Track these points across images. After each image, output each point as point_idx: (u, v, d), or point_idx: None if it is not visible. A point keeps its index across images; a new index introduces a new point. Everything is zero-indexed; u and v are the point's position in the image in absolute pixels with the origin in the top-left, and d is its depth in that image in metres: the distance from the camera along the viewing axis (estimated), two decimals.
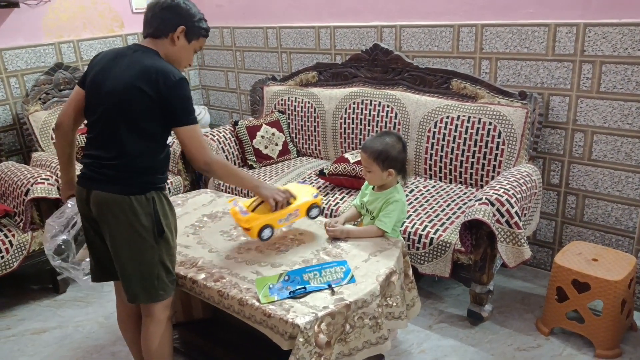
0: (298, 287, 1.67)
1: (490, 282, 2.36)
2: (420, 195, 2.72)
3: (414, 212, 2.55)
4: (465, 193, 2.71)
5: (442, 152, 2.84)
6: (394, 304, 1.79)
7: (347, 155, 2.88)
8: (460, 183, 2.83)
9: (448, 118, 2.82)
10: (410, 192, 2.75)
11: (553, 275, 2.27)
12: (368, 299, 1.66)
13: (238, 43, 3.96)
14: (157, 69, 1.62)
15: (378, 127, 3.10)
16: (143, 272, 1.72)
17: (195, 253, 1.98)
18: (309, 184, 2.95)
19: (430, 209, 2.56)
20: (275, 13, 3.66)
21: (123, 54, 1.70)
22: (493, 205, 2.18)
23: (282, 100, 3.57)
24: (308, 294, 1.65)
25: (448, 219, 2.46)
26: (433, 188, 2.80)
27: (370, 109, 3.13)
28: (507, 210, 2.18)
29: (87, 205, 1.73)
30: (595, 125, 2.53)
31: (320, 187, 2.91)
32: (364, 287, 1.68)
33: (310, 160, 3.41)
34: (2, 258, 2.56)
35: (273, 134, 3.43)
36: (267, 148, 3.41)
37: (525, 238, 2.23)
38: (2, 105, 3.27)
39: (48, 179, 2.65)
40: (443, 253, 2.34)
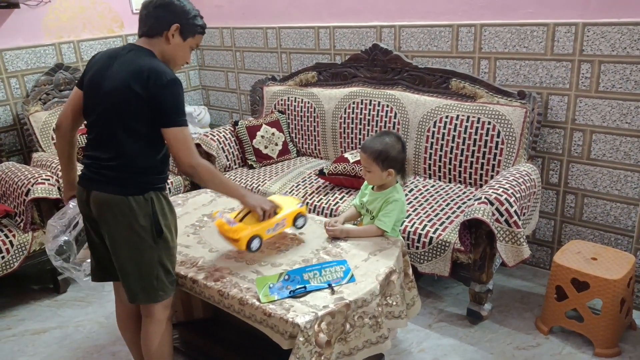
0: (298, 286, 1.68)
1: (490, 281, 2.37)
2: (420, 195, 2.72)
3: (414, 211, 2.55)
4: (465, 192, 2.72)
5: (441, 151, 2.85)
6: (394, 303, 1.79)
7: (346, 155, 2.89)
8: (460, 182, 2.83)
9: (447, 118, 2.82)
10: (410, 191, 2.75)
11: (552, 274, 2.27)
12: (368, 298, 1.66)
13: (238, 43, 3.96)
14: (149, 69, 1.61)
15: (377, 126, 3.10)
16: (142, 272, 1.72)
17: (196, 253, 1.98)
18: (309, 184, 2.96)
19: (430, 209, 2.57)
20: (275, 13, 3.66)
21: (117, 55, 1.70)
22: (492, 205, 2.18)
23: (281, 100, 3.57)
24: (308, 294, 1.66)
25: (447, 218, 2.47)
26: (432, 187, 2.81)
27: (370, 109, 3.14)
28: (506, 210, 2.18)
29: (87, 206, 1.74)
30: (594, 125, 2.53)
31: (320, 186, 2.91)
32: (364, 286, 1.69)
33: (310, 160, 3.42)
34: (2, 258, 2.56)
35: (273, 134, 3.44)
36: (267, 148, 3.42)
37: (525, 237, 2.24)
38: (2, 106, 3.28)
39: (48, 179, 2.66)
40: (442, 252, 2.34)
